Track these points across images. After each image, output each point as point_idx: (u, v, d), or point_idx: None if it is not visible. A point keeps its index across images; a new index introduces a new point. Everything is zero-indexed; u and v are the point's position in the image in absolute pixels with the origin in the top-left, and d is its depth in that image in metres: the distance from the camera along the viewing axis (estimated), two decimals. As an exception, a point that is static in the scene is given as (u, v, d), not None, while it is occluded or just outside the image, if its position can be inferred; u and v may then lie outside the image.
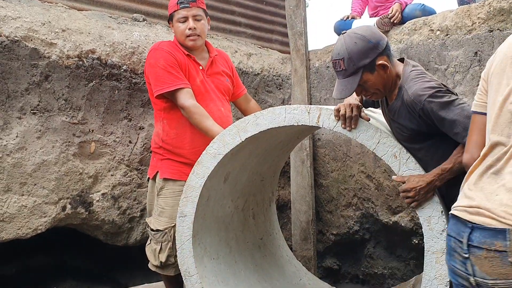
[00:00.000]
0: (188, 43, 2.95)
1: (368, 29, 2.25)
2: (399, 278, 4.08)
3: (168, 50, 2.88)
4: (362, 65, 2.16)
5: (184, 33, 2.92)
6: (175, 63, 2.85)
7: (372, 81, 2.21)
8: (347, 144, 4.26)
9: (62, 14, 3.27)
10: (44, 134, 3.07)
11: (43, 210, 3.06)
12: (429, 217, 2.13)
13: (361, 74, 2.18)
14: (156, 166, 2.98)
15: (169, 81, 2.81)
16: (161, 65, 2.82)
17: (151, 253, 2.98)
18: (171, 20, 3.01)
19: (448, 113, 2.07)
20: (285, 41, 4.91)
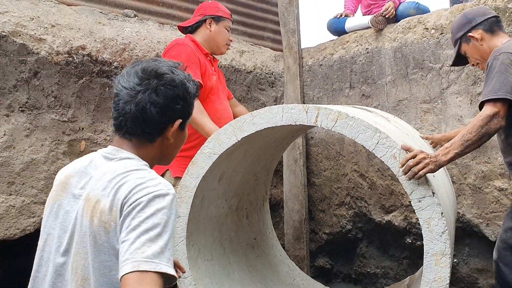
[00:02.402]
0: (223, 49, 3.24)
1: (474, 7, 2.68)
2: (392, 278, 4.07)
3: (192, 48, 2.98)
4: (459, 37, 2.63)
5: (226, 40, 3.21)
6: (196, 62, 2.94)
7: (469, 52, 2.62)
8: (340, 143, 4.24)
9: (51, 9, 3.18)
10: (32, 132, 2.98)
11: (31, 210, 2.98)
12: (429, 219, 2.10)
13: (459, 45, 2.65)
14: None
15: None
16: (183, 59, 2.80)
17: None
18: (216, 22, 3.16)
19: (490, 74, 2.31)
20: (277, 39, 4.87)
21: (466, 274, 3.65)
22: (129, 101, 1.41)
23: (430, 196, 2.10)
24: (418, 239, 3.74)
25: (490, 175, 3.39)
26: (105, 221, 1.31)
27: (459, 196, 3.54)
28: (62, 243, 1.39)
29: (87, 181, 1.43)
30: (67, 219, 1.40)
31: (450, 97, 3.55)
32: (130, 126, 1.43)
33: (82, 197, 1.39)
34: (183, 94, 1.46)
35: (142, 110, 1.40)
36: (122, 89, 1.42)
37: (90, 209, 1.34)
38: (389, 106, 3.92)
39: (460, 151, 2.19)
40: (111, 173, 1.38)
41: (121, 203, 1.31)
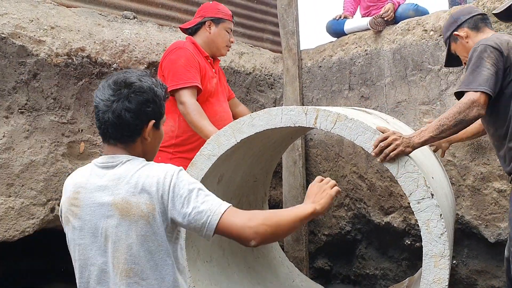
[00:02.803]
0: (224, 51, 3.25)
1: (461, 7, 2.71)
2: (391, 279, 4.07)
3: (192, 52, 3.03)
4: (447, 36, 2.69)
5: (227, 42, 3.22)
6: (196, 66, 2.99)
7: (458, 50, 2.67)
8: (339, 144, 4.25)
9: (51, 10, 3.19)
10: (32, 134, 2.98)
11: (31, 212, 2.98)
12: (427, 220, 2.11)
13: (449, 44, 2.71)
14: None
15: (185, 78, 2.92)
16: (182, 63, 2.94)
17: None
18: (216, 24, 3.18)
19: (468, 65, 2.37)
20: (276, 40, 4.87)
21: (465, 275, 3.65)
22: (106, 111, 1.61)
23: (429, 197, 2.11)
24: (417, 240, 3.75)
25: (489, 177, 3.39)
26: (144, 215, 1.55)
27: (458, 197, 3.54)
28: (97, 247, 1.60)
29: (101, 190, 1.61)
30: (94, 227, 1.59)
31: (448, 98, 3.55)
32: (112, 132, 1.64)
33: (106, 204, 1.58)
34: (152, 97, 1.64)
35: (118, 117, 1.60)
36: (100, 102, 1.62)
37: (122, 211, 1.56)
38: (388, 107, 3.93)
39: (435, 134, 2.21)
40: (125, 176, 1.59)
41: (157, 195, 1.55)
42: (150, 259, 1.57)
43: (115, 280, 1.58)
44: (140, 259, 1.56)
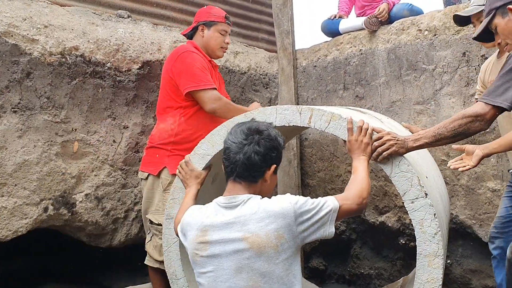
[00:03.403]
0: (219, 53, 3.28)
1: None
2: (386, 279, 4.08)
3: (200, 55, 3.13)
4: (495, 7, 2.21)
5: (221, 44, 3.25)
6: (207, 68, 3.10)
7: (502, 27, 2.21)
8: (334, 144, 4.25)
9: (44, 9, 3.17)
10: (25, 133, 2.96)
11: (24, 212, 2.96)
12: (421, 220, 2.11)
13: (492, 16, 2.22)
14: (162, 162, 3.04)
15: (205, 80, 3.01)
16: (199, 66, 3.03)
17: (154, 249, 3.00)
18: (208, 27, 3.22)
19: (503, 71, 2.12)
20: (271, 40, 4.87)
21: (460, 275, 3.66)
22: (238, 152, 1.86)
23: (423, 197, 2.11)
24: (412, 240, 3.75)
25: (483, 176, 3.40)
26: (274, 246, 1.75)
27: (453, 197, 3.55)
28: (226, 278, 1.79)
29: (229, 227, 1.80)
30: (224, 261, 1.79)
31: (443, 98, 3.56)
32: (239, 171, 1.87)
33: (237, 239, 1.77)
34: (277, 145, 1.92)
35: (248, 158, 1.85)
36: (232, 144, 1.88)
37: (253, 244, 1.75)
38: (383, 107, 3.93)
39: (431, 141, 2.15)
40: (249, 216, 1.79)
41: (285, 227, 1.76)
42: (282, 283, 1.77)
43: None
44: (273, 284, 1.76)
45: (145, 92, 3.55)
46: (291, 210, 1.78)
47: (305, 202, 1.83)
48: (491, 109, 2.09)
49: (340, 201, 1.89)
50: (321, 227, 1.83)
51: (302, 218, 1.79)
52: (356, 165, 2.10)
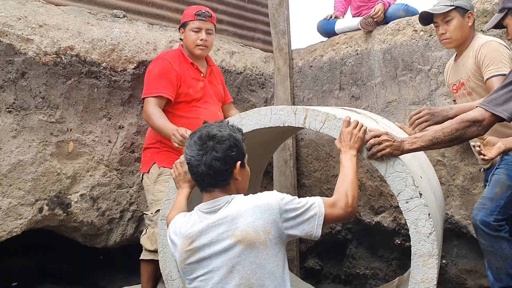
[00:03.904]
0: (196, 51, 3.24)
1: None
2: (381, 279, 4.08)
3: (169, 60, 3.15)
4: (508, 7, 2.44)
5: (196, 42, 3.21)
6: (168, 76, 3.10)
7: (510, 27, 2.46)
8: (330, 144, 4.25)
9: (39, 9, 3.16)
10: (20, 133, 2.95)
11: (18, 212, 2.95)
12: (416, 220, 2.11)
13: (505, 15, 2.49)
14: (152, 159, 3.16)
15: (152, 88, 3.08)
16: (156, 72, 3.10)
17: (147, 239, 3.05)
18: (183, 28, 3.28)
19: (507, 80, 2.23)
20: (267, 40, 4.87)
21: (455, 274, 3.67)
22: (198, 165, 1.83)
23: (417, 197, 2.11)
24: (407, 240, 3.75)
25: (478, 177, 3.41)
26: (262, 241, 1.75)
27: (448, 197, 3.56)
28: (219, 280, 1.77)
29: (215, 229, 1.79)
30: (214, 263, 1.78)
31: (438, 98, 3.56)
32: (207, 181, 1.86)
33: (226, 241, 1.76)
34: (234, 143, 1.86)
35: (210, 167, 1.82)
36: (191, 158, 1.86)
37: (243, 242, 1.74)
38: (378, 107, 3.94)
39: (427, 145, 2.15)
40: (236, 214, 1.78)
41: (271, 222, 1.77)
42: (273, 279, 1.78)
43: None
44: (265, 280, 1.76)
45: (140, 92, 3.52)
46: (277, 206, 1.79)
47: (291, 200, 1.83)
48: (490, 116, 2.12)
49: (327, 208, 1.85)
50: (307, 228, 1.82)
51: (287, 215, 1.80)
52: (345, 162, 2.08)
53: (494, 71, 2.67)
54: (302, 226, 1.81)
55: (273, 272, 1.78)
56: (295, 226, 1.81)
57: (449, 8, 2.87)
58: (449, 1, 2.88)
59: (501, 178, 2.65)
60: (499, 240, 2.57)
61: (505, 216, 2.61)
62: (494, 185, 2.66)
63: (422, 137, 2.15)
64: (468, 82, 2.89)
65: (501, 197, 2.60)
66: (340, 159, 2.14)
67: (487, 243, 2.60)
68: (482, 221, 2.59)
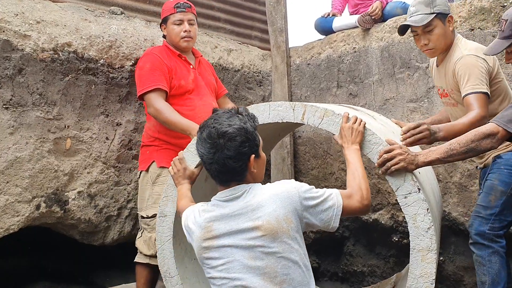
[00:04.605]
0: (182, 44, 3.19)
1: None
2: (379, 276, 4.09)
3: (158, 55, 3.11)
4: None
5: (180, 34, 3.18)
6: (161, 68, 3.06)
7: None
8: (328, 142, 4.25)
9: (36, 5, 3.15)
10: (17, 130, 2.94)
11: (16, 209, 2.94)
12: (414, 215, 2.11)
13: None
14: (151, 157, 3.10)
15: (149, 81, 3.02)
16: (147, 68, 3.06)
17: (144, 244, 3.02)
18: (164, 23, 3.25)
19: None
20: (264, 38, 4.87)
21: (452, 271, 3.68)
22: (211, 163, 1.80)
23: (416, 192, 2.11)
24: (405, 237, 3.77)
25: (476, 174, 3.42)
26: (285, 230, 1.73)
27: (445, 194, 3.57)
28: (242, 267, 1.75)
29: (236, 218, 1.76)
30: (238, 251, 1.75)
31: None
32: (222, 178, 1.83)
33: (247, 231, 1.74)
34: (246, 137, 1.79)
35: (223, 165, 1.78)
36: (203, 155, 1.82)
37: (266, 231, 1.72)
38: (376, 105, 3.94)
39: (442, 157, 2.15)
40: (256, 204, 1.76)
41: (292, 211, 1.75)
42: (297, 267, 1.75)
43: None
44: (289, 269, 1.73)
45: (138, 89, 3.54)
46: (296, 194, 1.77)
47: (310, 189, 1.81)
48: (502, 130, 2.18)
49: (345, 199, 1.85)
50: (325, 218, 1.81)
51: (307, 203, 1.78)
52: (351, 157, 2.07)
53: (470, 89, 2.56)
54: (321, 215, 1.80)
55: (296, 261, 1.75)
56: (314, 215, 1.80)
57: (431, 17, 2.66)
58: (428, 8, 2.68)
59: (494, 184, 2.60)
60: (491, 252, 2.52)
61: (503, 224, 2.54)
62: (487, 192, 2.61)
63: (437, 150, 2.16)
64: (452, 94, 2.80)
65: (496, 204, 2.55)
66: (344, 154, 2.14)
67: (480, 253, 2.54)
68: (477, 230, 2.55)
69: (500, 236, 2.54)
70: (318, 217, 1.80)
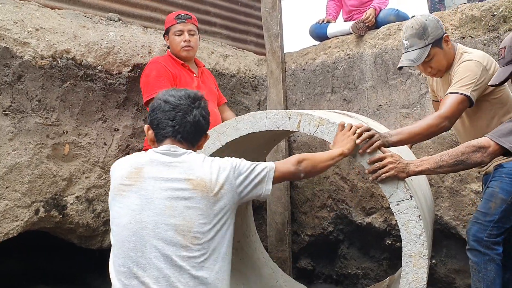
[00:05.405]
0: (182, 53, 3.34)
1: None
2: (372, 278, 4.16)
3: (163, 63, 3.27)
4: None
5: (180, 44, 3.33)
6: (166, 76, 3.20)
7: None
8: (322, 146, 4.31)
9: (35, 12, 3.18)
10: (16, 136, 2.98)
11: (15, 214, 2.98)
12: (407, 221, 2.18)
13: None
14: None
15: (156, 87, 3.11)
16: (154, 75, 3.20)
17: None
18: (167, 34, 3.42)
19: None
20: (259, 43, 4.92)
21: (444, 274, 3.75)
22: (187, 114, 1.90)
23: (408, 199, 2.18)
24: (398, 240, 3.83)
25: (467, 178, 3.49)
26: (216, 192, 1.83)
27: (437, 198, 3.64)
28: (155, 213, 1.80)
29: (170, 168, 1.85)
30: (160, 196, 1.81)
31: (428, 102, 3.64)
32: (186, 132, 1.92)
33: (178, 180, 1.82)
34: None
35: (197, 121, 1.93)
36: (179, 104, 1.90)
37: (197, 188, 1.81)
38: (370, 110, 4.01)
39: (433, 168, 2.21)
40: (194, 163, 1.87)
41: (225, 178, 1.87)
42: (215, 231, 1.84)
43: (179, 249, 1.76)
44: (205, 227, 1.80)
45: (135, 95, 3.58)
46: (231, 165, 1.91)
47: (243, 162, 1.97)
48: (494, 145, 2.20)
49: (278, 163, 2.04)
50: (258, 184, 1.94)
51: (240, 173, 1.91)
52: (329, 151, 2.23)
53: (453, 89, 2.53)
54: (254, 183, 1.94)
55: (216, 224, 1.82)
56: (247, 184, 1.93)
57: (427, 50, 2.61)
58: (422, 41, 2.61)
59: (495, 192, 2.58)
60: (487, 260, 2.50)
61: (501, 231, 2.53)
62: (488, 199, 2.59)
63: (428, 160, 2.22)
64: None
65: (495, 212, 2.53)
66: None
67: (476, 260, 2.53)
68: (475, 237, 2.53)
69: (497, 243, 2.53)
70: (251, 185, 1.93)
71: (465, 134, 2.82)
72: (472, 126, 2.75)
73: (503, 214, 2.52)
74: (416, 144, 3.51)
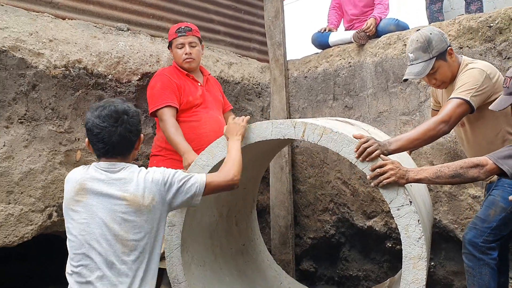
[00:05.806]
0: (184, 65, 3.46)
1: None
2: (373, 280, 4.26)
3: (168, 75, 3.40)
4: None
5: (182, 57, 3.44)
6: (171, 87, 3.32)
7: None
8: (324, 152, 4.42)
9: (49, 24, 3.30)
10: (31, 143, 3.10)
11: (29, 218, 3.09)
12: (406, 225, 2.29)
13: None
14: (157, 166, 3.23)
15: (160, 99, 3.28)
16: (159, 86, 3.30)
17: None
18: (171, 47, 3.53)
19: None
20: (263, 50, 5.04)
21: (443, 276, 3.86)
22: (112, 134, 2.11)
23: (408, 204, 2.29)
24: (398, 243, 3.94)
25: (465, 184, 3.59)
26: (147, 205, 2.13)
27: (436, 203, 3.74)
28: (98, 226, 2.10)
29: (108, 185, 2.11)
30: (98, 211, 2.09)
31: (427, 109, 3.75)
32: (116, 150, 2.15)
33: (114, 196, 2.09)
34: (140, 117, 2.24)
35: (124, 138, 2.14)
36: (104, 128, 2.10)
37: (130, 202, 2.09)
38: (370, 117, 4.12)
39: (431, 177, 2.30)
40: (129, 179, 2.13)
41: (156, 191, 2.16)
42: (149, 237, 2.16)
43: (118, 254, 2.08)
44: (138, 234, 2.11)
45: (144, 102, 3.69)
46: (163, 178, 2.18)
47: (177, 173, 2.23)
48: (492, 164, 2.27)
49: (209, 177, 2.29)
50: (188, 196, 2.23)
51: (171, 185, 2.19)
52: (231, 147, 2.51)
53: (455, 94, 2.59)
54: (184, 194, 2.23)
55: (148, 231, 2.13)
56: (178, 195, 2.21)
57: (432, 63, 2.68)
58: (427, 54, 2.68)
59: (496, 200, 2.63)
60: (482, 264, 2.56)
61: (497, 238, 2.58)
62: (488, 206, 2.66)
63: (428, 169, 2.32)
64: None
65: (494, 219, 2.58)
66: (228, 144, 2.56)
67: (470, 264, 2.59)
68: (470, 241, 2.59)
69: (492, 248, 2.57)
70: (182, 196, 2.22)
71: (467, 142, 2.89)
72: (474, 135, 2.82)
73: (501, 222, 2.59)
74: (416, 150, 3.63)
